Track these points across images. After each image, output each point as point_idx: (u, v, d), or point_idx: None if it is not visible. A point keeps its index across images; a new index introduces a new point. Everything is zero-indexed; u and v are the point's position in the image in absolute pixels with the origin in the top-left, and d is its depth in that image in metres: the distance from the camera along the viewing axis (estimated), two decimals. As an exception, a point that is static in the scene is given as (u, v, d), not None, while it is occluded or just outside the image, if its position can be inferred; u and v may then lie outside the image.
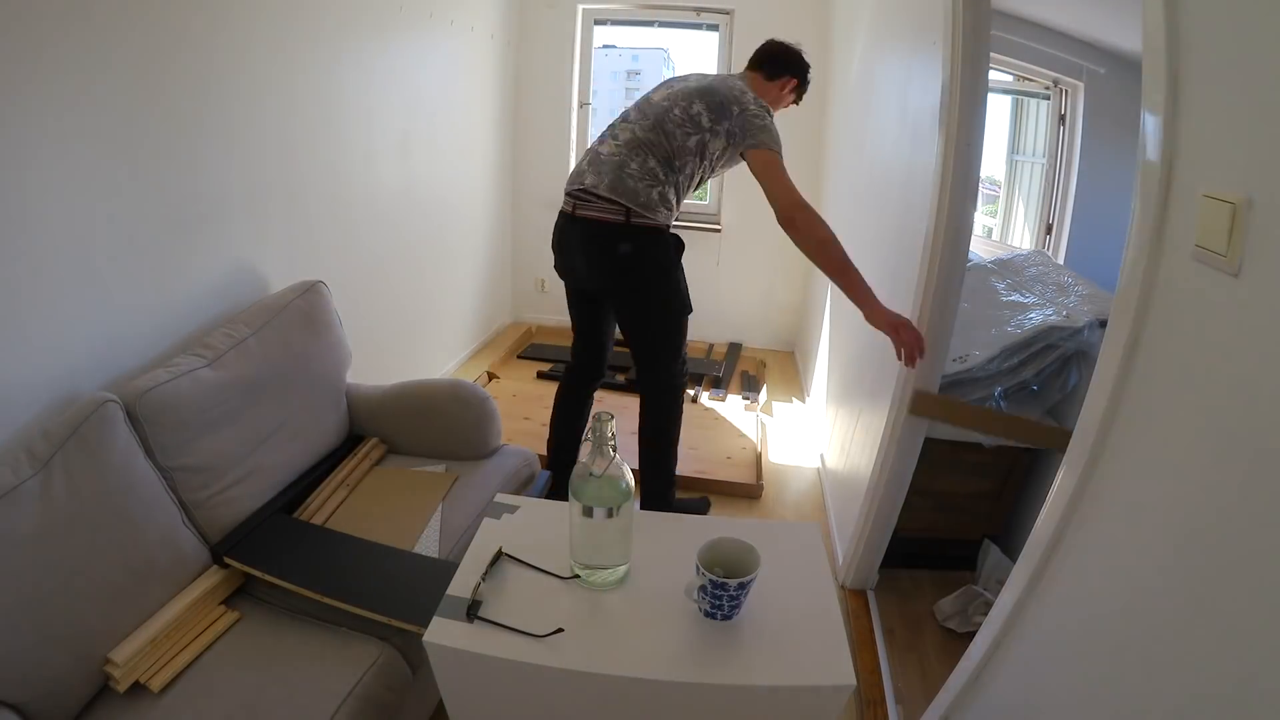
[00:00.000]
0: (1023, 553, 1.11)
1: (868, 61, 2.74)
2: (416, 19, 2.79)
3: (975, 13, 1.55)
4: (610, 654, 0.93)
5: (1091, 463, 0.95)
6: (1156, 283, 0.85)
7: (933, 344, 1.76)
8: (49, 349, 1.38)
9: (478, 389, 2.03)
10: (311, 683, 1.25)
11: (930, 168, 1.71)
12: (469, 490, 1.83)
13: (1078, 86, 3.20)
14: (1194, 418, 0.77)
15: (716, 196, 4.05)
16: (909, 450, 1.90)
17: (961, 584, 2.06)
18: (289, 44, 2.02)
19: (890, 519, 2.00)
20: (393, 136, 2.72)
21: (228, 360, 1.57)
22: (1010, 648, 1.14)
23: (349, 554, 1.51)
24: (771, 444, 3.05)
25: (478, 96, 3.56)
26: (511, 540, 1.09)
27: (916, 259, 1.79)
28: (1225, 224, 0.71)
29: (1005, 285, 2.41)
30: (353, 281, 2.44)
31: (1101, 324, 1.92)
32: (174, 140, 1.63)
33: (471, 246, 3.72)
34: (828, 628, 0.96)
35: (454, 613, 0.96)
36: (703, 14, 3.86)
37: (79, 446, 1.25)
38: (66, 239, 1.39)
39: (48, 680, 1.13)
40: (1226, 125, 0.74)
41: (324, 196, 2.29)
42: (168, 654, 1.26)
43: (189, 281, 1.73)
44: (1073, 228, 3.29)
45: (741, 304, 4.17)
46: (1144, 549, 0.84)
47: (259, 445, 1.63)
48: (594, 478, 0.96)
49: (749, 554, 0.95)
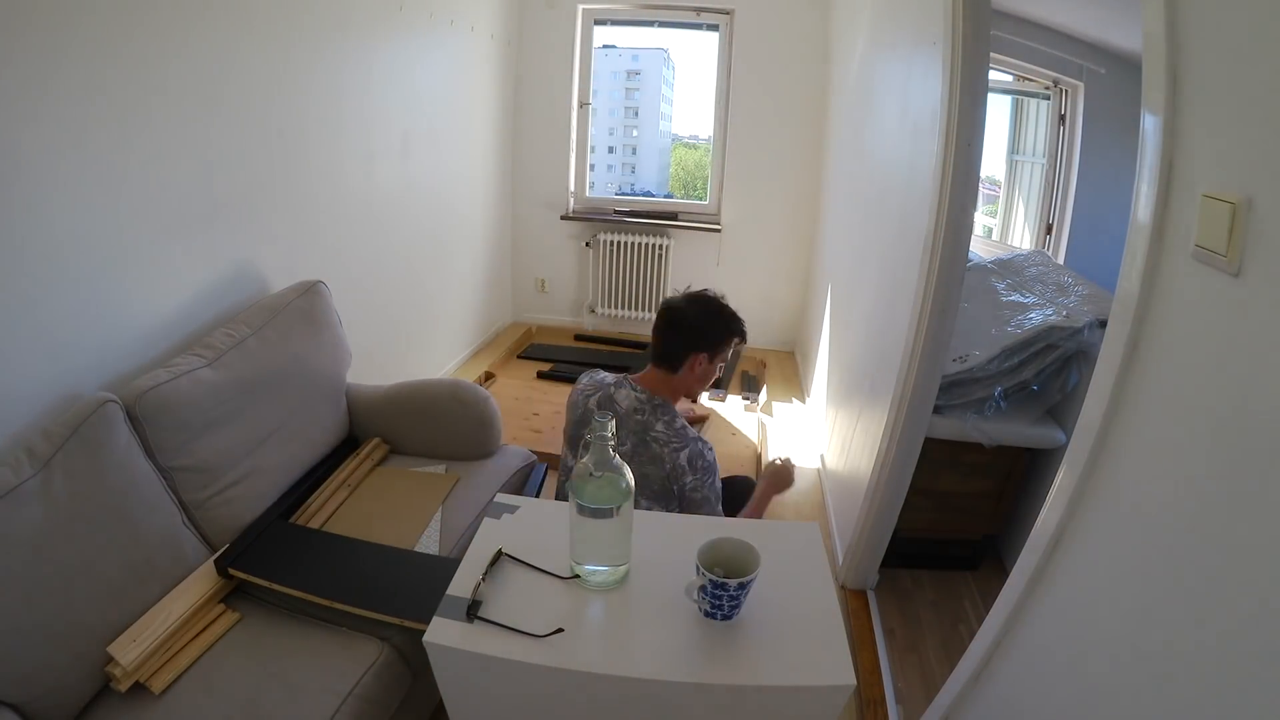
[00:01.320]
0: (1023, 553, 1.11)
1: (868, 62, 2.74)
2: (416, 19, 2.79)
3: (975, 13, 1.55)
4: (610, 654, 0.93)
5: (1091, 463, 0.95)
6: (1156, 283, 0.85)
7: (933, 344, 1.76)
8: (49, 349, 1.38)
9: (478, 389, 2.03)
10: (312, 683, 1.25)
11: (930, 168, 1.71)
12: (469, 490, 1.83)
13: (1078, 86, 3.20)
14: (1194, 418, 0.77)
15: (716, 196, 4.06)
16: (909, 450, 1.90)
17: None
18: (289, 44, 2.02)
19: (890, 519, 2.00)
20: (393, 136, 2.72)
21: (228, 360, 1.57)
22: (1010, 648, 1.14)
23: (351, 556, 1.51)
24: (771, 444, 3.05)
25: (478, 96, 3.56)
26: (511, 540, 1.08)
27: (916, 259, 1.79)
28: (1225, 224, 0.71)
29: (1005, 285, 2.41)
30: (353, 281, 2.44)
31: (1101, 324, 1.92)
32: (174, 140, 1.63)
33: (471, 246, 3.72)
34: (828, 628, 0.96)
35: (454, 613, 0.96)
36: (703, 14, 3.86)
37: (79, 446, 1.25)
38: (66, 239, 1.39)
39: (48, 680, 1.13)
40: (1226, 125, 0.74)
41: (324, 196, 2.29)
42: (168, 654, 1.26)
43: (189, 281, 1.73)
44: (1073, 228, 3.29)
45: (742, 304, 4.10)
46: (1144, 549, 0.84)
47: (259, 445, 1.63)
48: (594, 478, 0.95)
49: (749, 554, 0.95)
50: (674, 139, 11.26)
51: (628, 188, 10.20)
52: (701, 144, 5.20)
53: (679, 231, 4.06)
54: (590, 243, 4.16)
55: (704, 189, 4.43)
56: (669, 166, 11.27)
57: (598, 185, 4.68)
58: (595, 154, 4.32)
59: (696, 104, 4.60)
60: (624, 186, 11.30)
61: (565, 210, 4.15)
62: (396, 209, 2.81)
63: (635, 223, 4.06)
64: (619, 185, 11.89)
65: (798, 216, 3.94)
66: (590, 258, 4.19)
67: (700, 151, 6.95)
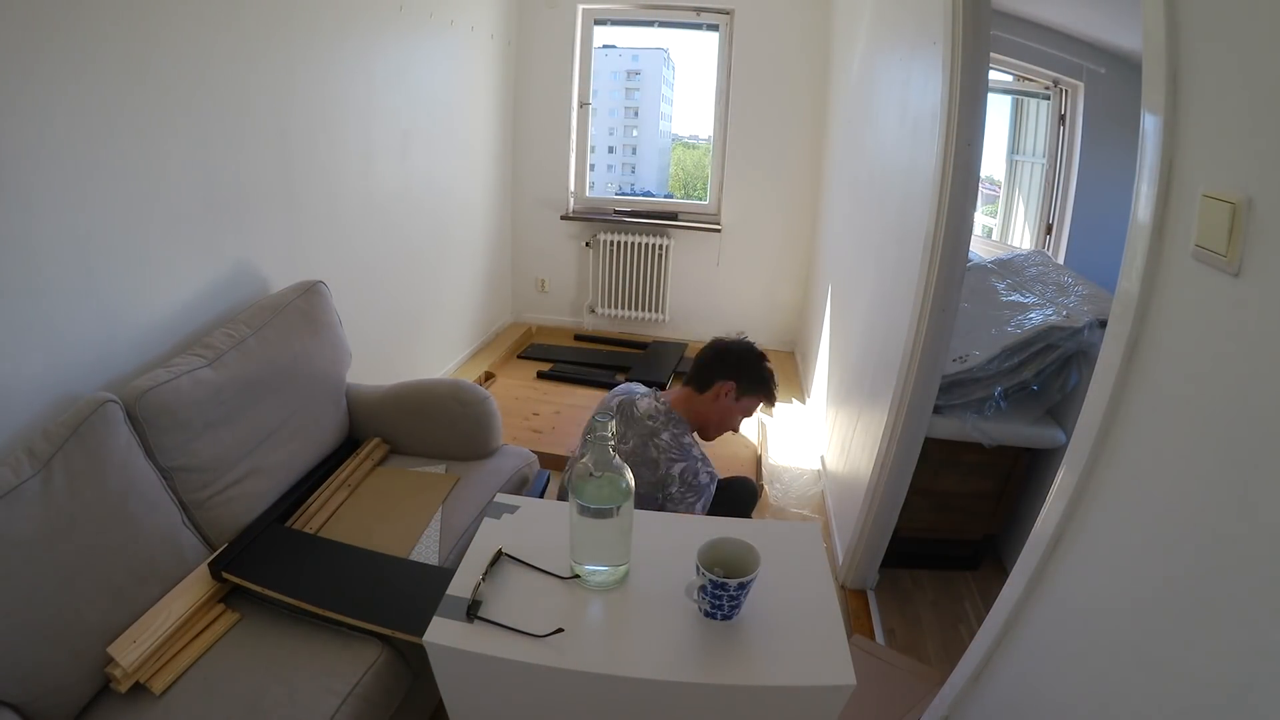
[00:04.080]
0: (1023, 553, 1.11)
1: (868, 62, 2.74)
2: (417, 19, 2.79)
3: (975, 13, 1.55)
4: (610, 654, 0.93)
5: (1091, 463, 0.95)
6: (1156, 283, 0.85)
7: (933, 344, 1.76)
8: (49, 349, 1.38)
9: (478, 389, 2.03)
10: (312, 683, 1.25)
11: (930, 168, 1.71)
12: (469, 491, 1.83)
13: (1078, 86, 3.20)
14: (1194, 418, 0.77)
15: (716, 196, 4.06)
16: (909, 450, 1.90)
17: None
18: (289, 44, 2.02)
19: (890, 519, 2.00)
20: (393, 136, 2.72)
21: (228, 360, 1.57)
22: (1010, 648, 1.14)
23: (346, 564, 1.50)
24: (771, 444, 3.05)
25: (478, 96, 3.56)
26: (511, 540, 1.08)
27: (917, 259, 1.79)
28: (1225, 224, 0.71)
29: (1005, 285, 2.41)
30: (353, 281, 2.44)
31: (1101, 324, 1.92)
32: (173, 140, 1.63)
33: (471, 246, 3.72)
34: (828, 628, 0.96)
35: (454, 613, 0.96)
36: (703, 14, 3.86)
37: (79, 446, 1.25)
38: (66, 239, 1.39)
39: (48, 680, 1.13)
40: (1226, 125, 0.74)
41: (324, 196, 2.29)
42: (168, 654, 1.26)
43: (189, 281, 1.73)
44: (1073, 228, 3.29)
45: (742, 304, 4.17)
46: (1143, 549, 0.84)
47: (259, 445, 1.63)
48: (594, 478, 0.95)
49: (749, 554, 0.95)
50: (674, 139, 11.26)
51: (628, 188, 10.19)
52: (701, 144, 5.20)
53: (679, 231, 4.06)
54: (590, 243, 4.16)
55: (704, 189, 4.44)
56: (669, 166, 11.27)
57: (598, 185, 4.67)
58: (595, 154, 4.32)
59: (696, 104, 4.60)
60: (624, 186, 11.30)
61: (565, 210, 4.15)
62: (397, 209, 2.81)
63: (635, 223, 4.06)
64: (619, 185, 11.89)
65: (798, 216, 3.94)
66: (590, 258, 4.19)
67: (700, 151, 6.95)
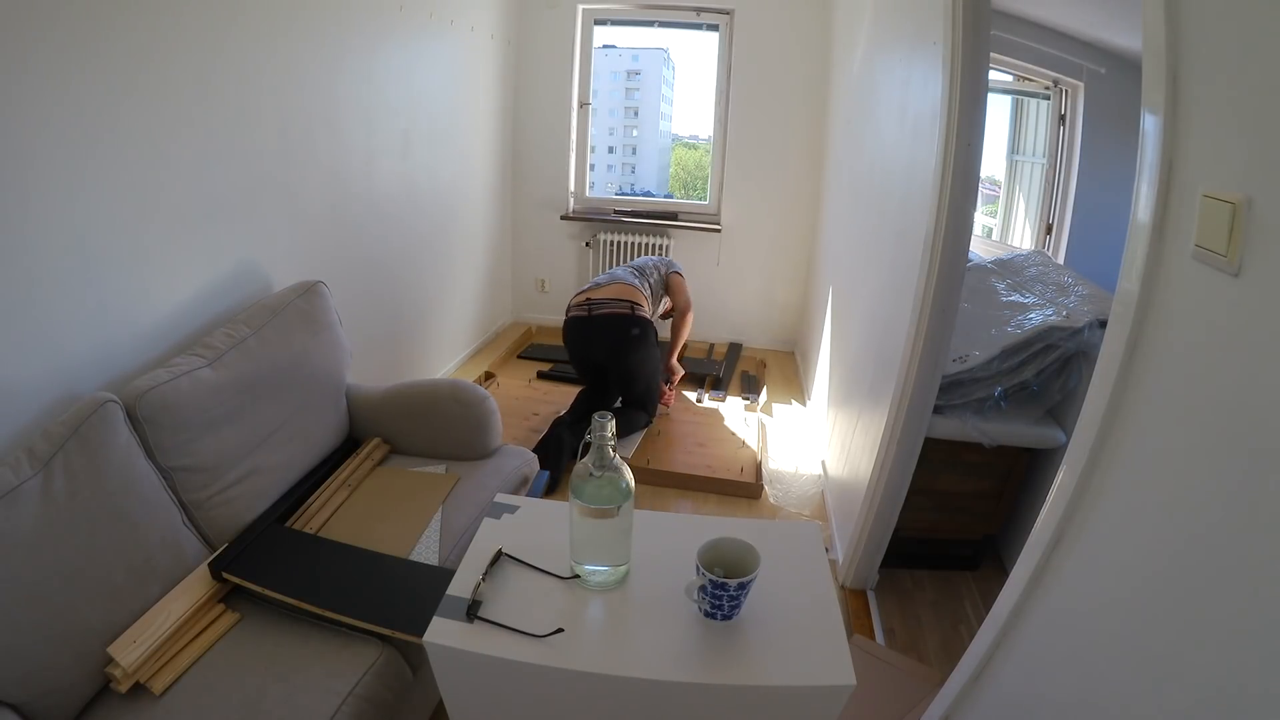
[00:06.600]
0: (1023, 553, 1.11)
1: (868, 62, 2.74)
2: (417, 19, 2.79)
3: (975, 13, 1.55)
4: (610, 654, 0.93)
5: (1091, 463, 0.95)
6: (1156, 283, 0.85)
7: (933, 344, 1.76)
8: (49, 349, 1.38)
9: (478, 389, 2.03)
10: (312, 683, 1.25)
11: (930, 168, 1.71)
12: (469, 491, 1.83)
13: (1078, 86, 3.20)
14: (1194, 418, 0.77)
15: (716, 197, 4.06)
16: (909, 450, 1.90)
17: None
18: (289, 43, 2.02)
19: (890, 519, 2.00)
20: (393, 136, 2.72)
21: (228, 360, 1.57)
22: (1010, 647, 1.14)
23: (346, 564, 1.50)
24: (772, 444, 3.05)
25: (478, 96, 3.56)
26: (511, 540, 1.08)
27: (917, 259, 1.79)
28: (1225, 224, 0.71)
29: (1005, 285, 2.41)
30: (353, 281, 2.44)
31: (1101, 324, 1.92)
32: (174, 140, 1.63)
33: (471, 246, 3.72)
34: (828, 628, 0.96)
35: (454, 613, 0.96)
36: (703, 14, 3.86)
37: (79, 446, 1.25)
38: (66, 239, 1.39)
39: (48, 680, 1.13)
40: (1226, 125, 0.74)
41: (324, 196, 2.29)
42: (168, 654, 1.26)
43: (189, 281, 1.73)
44: (1073, 228, 3.29)
45: (742, 304, 4.17)
46: (1144, 549, 0.84)
47: (259, 445, 1.63)
48: (594, 477, 0.96)
49: (749, 554, 0.95)
50: (674, 139, 11.26)
51: (628, 188, 10.20)
52: (701, 144, 5.21)
53: (679, 231, 4.06)
54: (590, 243, 4.16)
55: (704, 189, 4.44)
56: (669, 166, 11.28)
57: (598, 185, 4.68)
58: (595, 154, 4.33)
59: (696, 104, 4.60)
60: (624, 186, 11.31)
61: (565, 210, 4.15)
62: (397, 209, 2.81)
63: (635, 223, 4.06)
64: (619, 185, 11.90)
65: (798, 216, 3.94)
66: (590, 258, 4.19)
67: (700, 151, 6.95)
